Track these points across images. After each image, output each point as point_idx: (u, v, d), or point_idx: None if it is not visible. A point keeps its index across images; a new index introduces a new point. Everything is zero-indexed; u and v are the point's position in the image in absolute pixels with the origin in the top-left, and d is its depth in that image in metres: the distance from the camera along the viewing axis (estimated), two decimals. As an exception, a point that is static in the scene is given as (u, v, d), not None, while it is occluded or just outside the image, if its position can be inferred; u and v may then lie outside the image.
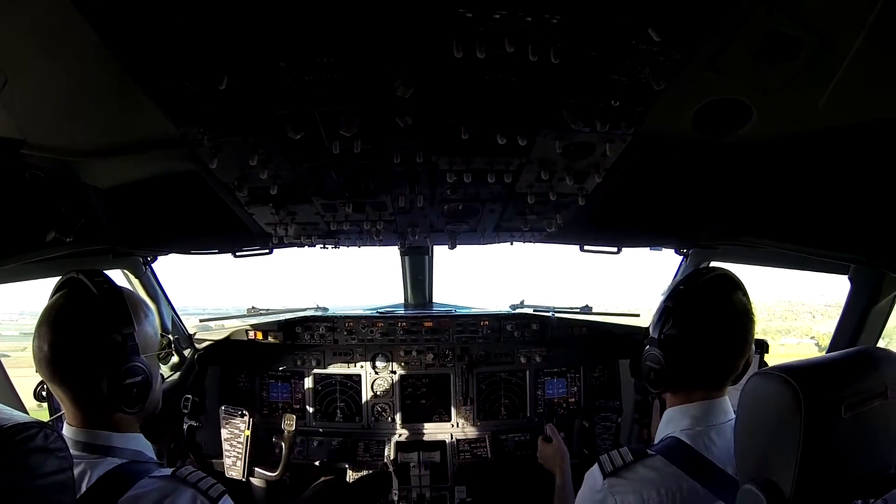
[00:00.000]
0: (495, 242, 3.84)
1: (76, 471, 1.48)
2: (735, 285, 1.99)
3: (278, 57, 1.70)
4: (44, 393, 2.98)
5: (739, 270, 2.08)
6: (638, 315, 4.69)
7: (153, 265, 4.09)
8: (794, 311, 12.97)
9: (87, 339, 1.69)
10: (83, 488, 1.55)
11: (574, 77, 1.83)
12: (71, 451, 1.57)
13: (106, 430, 1.73)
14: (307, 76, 1.80)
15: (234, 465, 4.11)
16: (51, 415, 2.87)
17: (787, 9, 1.49)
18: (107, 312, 1.75)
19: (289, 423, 4.04)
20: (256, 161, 2.33)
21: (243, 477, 4.07)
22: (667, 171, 2.77)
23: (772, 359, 3.20)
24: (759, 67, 1.77)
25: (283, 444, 4.13)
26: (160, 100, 1.92)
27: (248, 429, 4.11)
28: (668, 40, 1.61)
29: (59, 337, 1.67)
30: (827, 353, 2.42)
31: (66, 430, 1.72)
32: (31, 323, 1.75)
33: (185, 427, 3.90)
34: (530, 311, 4.72)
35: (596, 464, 1.94)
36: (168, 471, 1.69)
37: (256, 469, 4.14)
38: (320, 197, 2.82)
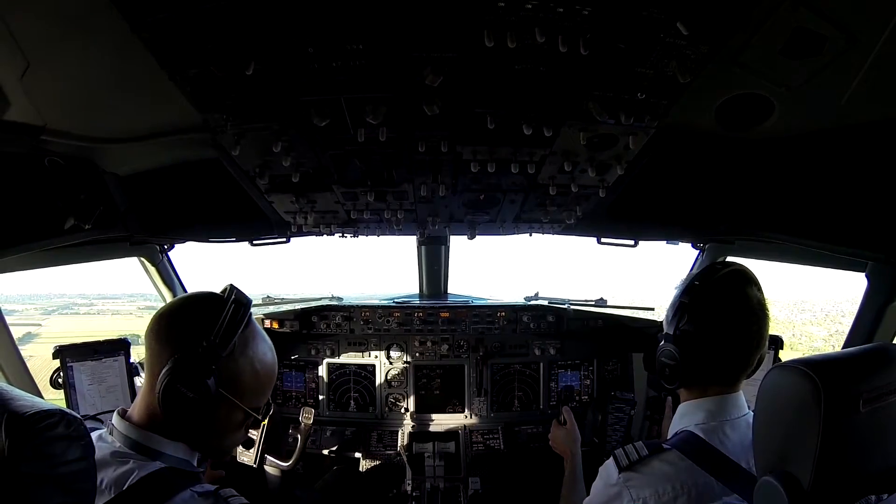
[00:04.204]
0: (514, 233, 3.83)
1: (124, 468, 1.51)
2: (750, 281, 1.98)
3: (307, 43, 1.71)
4: (59, 380, 3.02)
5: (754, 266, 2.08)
6: (652, 309, 4.68)
7: (170, 253, 4.13)
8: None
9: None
10: (125, 485, 1.53)
11: (602, 69, 1.85)
12: (120, 446, 1.60)
13: (159, 435, 1.69)
14: (335, 62, 1.81)
15: (246, 450, 4.12)
16: (66, 402, 2.91)
17: (813, 4, 1.49)
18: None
19: (307, 417, 4.00)
20: (279, 148, 2.33)
21: (255, 464, 4.09)
22: (687, 165, 2.78)
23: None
24: (784, 63, 1.77)
25: (298, 437, 4.13)
26: (184, 85, 1.93)
27: (262, 415, 4.11)
28: (696, 34, 1.62)
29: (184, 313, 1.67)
30: (842, 348, 2.42)
31: (118, 423, 1.68)
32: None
33: None
34: (545, 303, 4.71)
35: (611, 457, 1.96)
36: (211, 488, 1.65)
37: (268, 457, 4.16)
38: (342, 185, 2.82)
